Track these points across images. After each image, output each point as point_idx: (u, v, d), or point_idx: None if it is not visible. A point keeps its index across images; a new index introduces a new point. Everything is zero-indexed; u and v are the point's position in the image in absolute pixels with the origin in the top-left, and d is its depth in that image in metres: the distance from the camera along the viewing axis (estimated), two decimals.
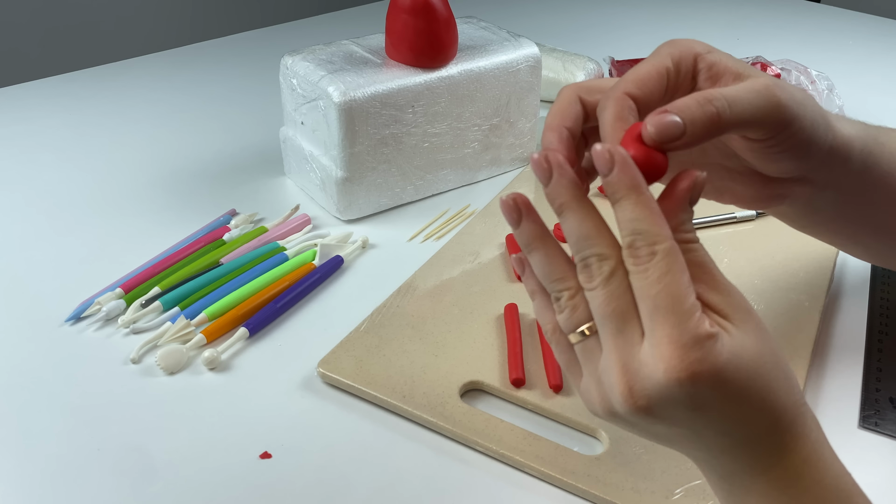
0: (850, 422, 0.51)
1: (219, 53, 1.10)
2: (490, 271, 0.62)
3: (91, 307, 0.58)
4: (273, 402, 0.51)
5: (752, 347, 0.32)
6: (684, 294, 0.31)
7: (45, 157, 0.82)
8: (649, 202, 0.32)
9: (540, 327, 0.54)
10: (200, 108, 0.93)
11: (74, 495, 0.45)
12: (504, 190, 0.74)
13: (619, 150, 0.32)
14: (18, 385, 0.52)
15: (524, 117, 0.76)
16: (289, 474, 0.46)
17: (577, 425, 0.49)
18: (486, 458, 0.47)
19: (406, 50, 0.68)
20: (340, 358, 0.53)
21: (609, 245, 0.33)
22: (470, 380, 0.51)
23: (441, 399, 0.50)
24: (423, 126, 0.70)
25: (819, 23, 1.26)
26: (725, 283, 0.33)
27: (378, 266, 0.65)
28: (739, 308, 0.33)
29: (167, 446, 0.48)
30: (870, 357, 0.55)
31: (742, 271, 0.62)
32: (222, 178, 0.78)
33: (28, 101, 0.95)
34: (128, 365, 0.54)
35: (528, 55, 0.73)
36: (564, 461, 0.46)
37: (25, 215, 0.72)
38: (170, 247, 0.66)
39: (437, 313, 0.57)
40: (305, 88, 0.68)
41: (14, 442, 0.48)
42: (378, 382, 0.51)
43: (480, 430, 0.48)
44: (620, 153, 0.32)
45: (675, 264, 0.31)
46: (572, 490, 0.45)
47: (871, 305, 0.61)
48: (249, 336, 0.56)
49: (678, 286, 0.31)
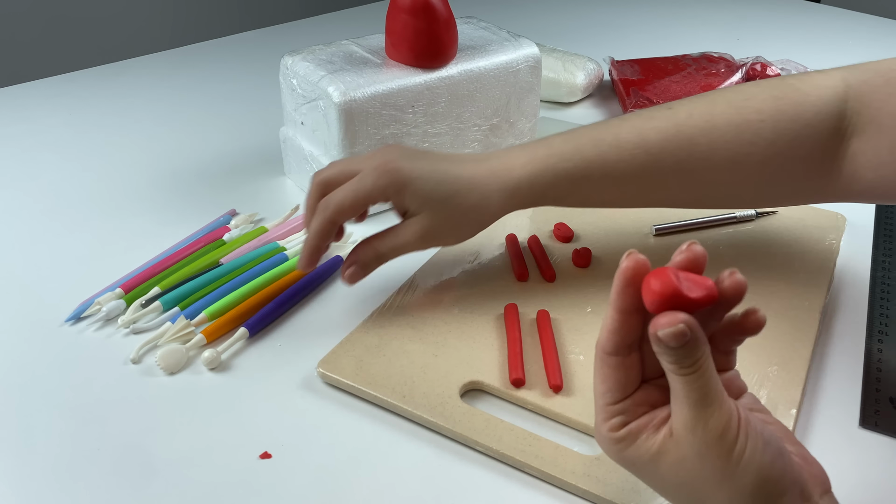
0: (851, 422, 0.51)
1: (219, 53, 1.10)
2: (490, 271, 0.62)
3: (91, 307, 0.58)
4: (273, 402, 0.51)
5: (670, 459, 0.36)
6: (597, 396, 0.38)
7: (46, 157, 0.82)
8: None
9: (549, 330, 0.55)
10: (200, 108, 0.93)
11: (74, 495, 0.45)
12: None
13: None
14: (18, 385, 0.52)
15: (524, 117, 0.76)
16: (289, 474, 0.46)
17: (577, 425, 0.49)
18: (486, 457, 0.47)
19: (406, 50, 0.68)
20: (340, 358, 0.53)
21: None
22: (470, 380, 0.51)
23: (441, 399, 0.50)
24: (423, 126, 0.70)
25: (819, 23, 1.26)
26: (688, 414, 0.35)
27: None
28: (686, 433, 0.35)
29: (167, 446, 0.48)
30: (870, 356, 0.55)
31: (742, 271, 0.62)
32: (222, 178, 0.78)
33: (28, 101, 0.95)
34: (128, 365, 0.54)
35: (528, 55, 0.73)
36: (564, 461, 0.46)
37: (26, 215, 0.72)
38: (170, 247, 0.66)
39: (437, 313, 0.57)
40: (305, 88, 0.68)
41: (14, 442, 0.48)
42: (378, 382, 0.51)
43: (480, 430, 0.48)
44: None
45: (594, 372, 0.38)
46: (572, 490, 0.45)
47: (871, 305, 0.61)
48: (250, 336, 0.56)
49: (594, 388, 0.38)
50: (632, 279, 0.35)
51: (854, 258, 0.66)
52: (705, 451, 0.35)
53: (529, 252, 0.65)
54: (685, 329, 0.33)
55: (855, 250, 0.67)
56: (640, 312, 0.36)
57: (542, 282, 0.61)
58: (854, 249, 0.67)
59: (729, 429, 0.35)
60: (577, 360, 0.53)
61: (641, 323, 0.37)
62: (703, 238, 0.67)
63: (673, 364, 0.35)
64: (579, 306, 0.59)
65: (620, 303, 0.36)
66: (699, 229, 0.68)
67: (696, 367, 0.34)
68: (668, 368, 0.35)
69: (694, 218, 0.68)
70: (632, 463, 0.38)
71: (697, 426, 0.35)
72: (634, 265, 0.35)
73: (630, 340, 0.37)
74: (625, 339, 0.37)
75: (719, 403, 0.35)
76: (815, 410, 0.51)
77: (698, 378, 0.34)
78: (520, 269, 0.61)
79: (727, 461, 0.35)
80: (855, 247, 0.68)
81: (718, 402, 0.35)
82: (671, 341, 0.33)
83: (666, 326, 0.33)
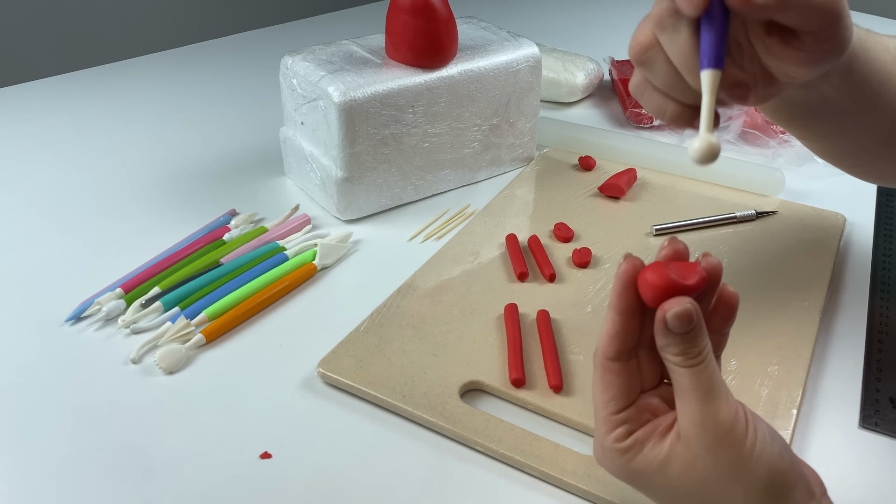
0: (851, 422, 0.51)
1: (219, 53, 1.10)
2: (490, 271, 0.62)
3: (91, 307, 0.58)
4: (273, 402, 0.51)
5: (681, 463, 0.36)
6: (599, 407, 0.38)
7: (46, 157, 0.82)
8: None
9: (549, 329, 0.55)
10: (200, 108, 0.93)
11: (74, 495, 0.45)
12: (503, 191, 0.74)
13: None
14: (18, 385, 0.52)
15: (524, 117, 0.76)
16: (289, 474, 0.46)
17: (576, 425, 0.49)
18: (486, 457, 0.47)
19: (406, 50, 0.68)
20: (340, 358, 0.53)
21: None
22: (470, 380, 0.51)
23: (441, 399, 0.50)
24: (423, 126, 0.70)
25: None
26: (697, 408, 0.35)
27: (378, 266, 0.65)
28: (695, 430, 0.35)
29: (167, 446, 0.48)
30: (870, 356, 0.55)
31: (742, 271, 0.62)
32: (222, 178, 0.78)
33: (28, 101, 0.95)
34: (128, 365, 0.54)
35: (528, 55, 0.73)
36: (564, 461, 0.46)
37: (25, 215, 0.72)
38: (170, 247, 0.66)
39: (437, 313, 0.57)
40: (305, 88, 0.68)
41: (14, 442, 0.48)
42: (378, 382, 0.51)
43: (480, 430, 0.48)
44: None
45: (594, 384, 0.38)
46: (572, 490, 0.45)
47: (871, 305, 0.61)
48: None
49: (595, 401, 0.38)
50: (631, 281, 0.36)
51: (854, 258, 0.66)
52: (717, 445, 0.35)
53: (529, 252, 0.65)
54: (691, 309, 0.34)
55: (855, 250, 0.67)
56: (639, 315, 0.36)
57: (543, 282, 0.61)
58: (854, 249, 0.67)
59: (738, 420, 0.35)
60: (577, 360, 0.53)
61: (640, 326, 0.37)
62: (703, 238, 0.67)
63: (679, 355, 0.35)
64: (579, 306, 0.59)
65: (622, 305, 0.36)
66: (699, 229, 0.68)
67: (703, 357, 0.35)
68: (674, 362, 0.35)
69: (694, 218, 0.68)
70: (639, 474, 0.37)
71: (707, 420, 0.35)
72: (632, 268, 0.36)
73: (631, 344, 0.37)
74: (626, 342, 0.37)
75: (726, 395, 0.35)
76: (815, 410, 0.51)
77: (704, 368, 0.35)
78: (520, 269, 0.61)
79: (740, 453, 0.35)
80: (855, 247, 0.68)
81: (725, 394, 0.35)
82: (680, 323, 0.34)
83: (674, 306, 0.34)
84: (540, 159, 0.80)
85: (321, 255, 0.64)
